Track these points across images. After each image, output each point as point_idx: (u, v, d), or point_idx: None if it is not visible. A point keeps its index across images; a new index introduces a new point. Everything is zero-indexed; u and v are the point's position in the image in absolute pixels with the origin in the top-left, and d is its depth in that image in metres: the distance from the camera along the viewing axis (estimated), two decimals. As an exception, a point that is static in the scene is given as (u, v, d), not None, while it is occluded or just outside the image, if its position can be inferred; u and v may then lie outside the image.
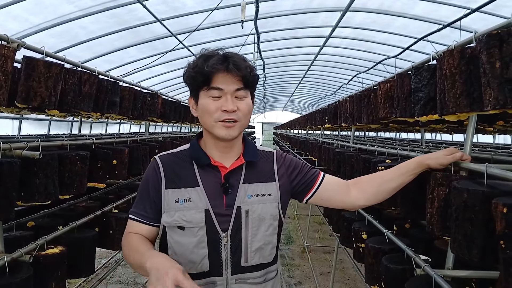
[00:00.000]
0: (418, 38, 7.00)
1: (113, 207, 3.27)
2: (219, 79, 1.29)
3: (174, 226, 1.33)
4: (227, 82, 1.30)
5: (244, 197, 1.38)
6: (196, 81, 1.33)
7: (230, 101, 1.30)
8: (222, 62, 1.28)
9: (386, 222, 2.72)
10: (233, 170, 1.40)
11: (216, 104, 1.31)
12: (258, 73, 1.42)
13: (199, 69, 1.30)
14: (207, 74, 1.29)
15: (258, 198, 1.40)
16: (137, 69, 6.70)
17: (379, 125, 3.13)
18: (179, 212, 1.33)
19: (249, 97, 1.38)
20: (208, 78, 1.29)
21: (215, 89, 1.30)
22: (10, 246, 2.08)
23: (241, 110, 1.33)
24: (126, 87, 3.50)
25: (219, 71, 1.28)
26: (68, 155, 2.41)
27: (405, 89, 2.15)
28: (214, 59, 1.29)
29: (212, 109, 1.31)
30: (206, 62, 1.29)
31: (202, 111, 1.34)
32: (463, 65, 1.53)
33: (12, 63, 1.91)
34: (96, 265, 5.58)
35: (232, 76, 1.30)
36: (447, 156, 1.58)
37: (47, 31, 5.22)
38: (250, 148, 1.48)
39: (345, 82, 12.86)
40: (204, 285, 1.34)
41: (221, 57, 1.30)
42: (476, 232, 1.33)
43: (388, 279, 2.07)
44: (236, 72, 1.29)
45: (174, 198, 1.35)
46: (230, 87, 1.30)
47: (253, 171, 1.43)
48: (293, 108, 31.21)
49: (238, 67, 1.29)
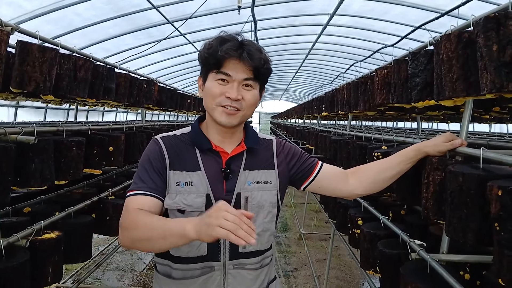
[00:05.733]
0: (416, 26, 6.96)
1: (109, 194, 3.27)
2: (230, 65, 1.28)
3: (174, 209, 1.32)
4: (237, 70, 1.29)
5: (244, 183, 1.38)
6: (208, 62, 1.31)
7: (235, 89, 1.29)
8: (236, 49, 1.27)
9: (382, 208, 2.74)
10: (234, 156, 1.40)
11: (221, 89, 1.30)
12: None
13: (213, 52, 1.28)
14: (219, 58, 1.27)
15: (258, 185, 1.40)
16: (133, 55, 6.64)
17: (375, 112, 3.13)
18: (180, 195, 1.31)
19: (257, 89, 1.36)
20: (220, 62, 1.28)
21: (224, 74, 1.29)
22: (7, 231, 2.09)
23: (245, 100, 1.32)
24: (122, 74, 3.48)
25: (232, 57, 1.27)
26: (64, 140, 2.40)
27: (402, 75, 2.15)
28: (229, 44, 1.27)
29: (216, 92, 1.30)
30: (221, 45, 1.27)
31: (206, 93, 1.34)
32: (460, 49, 1.52)
33: (6, 47, 1.89)
34: (94, 252, 5.62)
35: (244, 64, 1.28)
36: (445, 143, 1.58)
37: (42, 18, 5.16)
38: (251, 134, 1.48)
39: (342, 71, 12.82)
40: (202, 269, 1.34)
41: (237, 43, 1.28)
42: (471, 215, 1.34)
43: (383, 263, 2.09)
44: (249, 62, 1.27)
45: (175, 180, 1.33)
46: (239, 75, 1.29)
47: (253, 158, 1.43)
48: (291, 98, 31.17)
49: (251, 57, 1.27)
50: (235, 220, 1.00)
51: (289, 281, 5.06)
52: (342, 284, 5.02)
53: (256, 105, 1.39)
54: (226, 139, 1.41)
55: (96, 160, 2.88)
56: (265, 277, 1.48)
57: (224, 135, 1.40)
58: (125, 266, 5.42)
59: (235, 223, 0.99)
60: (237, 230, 0.98)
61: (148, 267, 5.38)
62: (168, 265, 1.38)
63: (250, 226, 1.00)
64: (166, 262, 1.38)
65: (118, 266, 5.43)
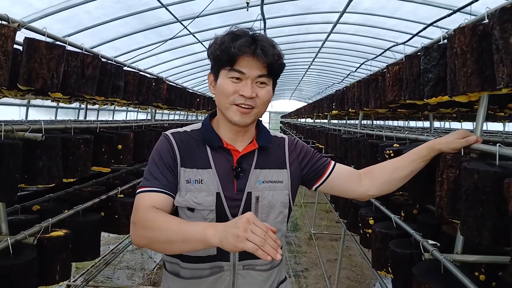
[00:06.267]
0: (428, 23, 6.86)
1: (118, 192, 3.26)
2: (244, 62, 1.24)
3: (184, 207, 1.29)
4: (251, 67, 1.24)
5: (255, 182, 1.34)
6: (220, 59, 1.27)
7: (249, 86, 1.25)
8: (250, 45, 1.22)
9: (393, 208, 2.68)
10: (245, 154, 1.36)
11: (234, 87, 1.26)
12: None
13: (225, 48, 1.23)
14: (232, 55, 1.22)
15: (269, 184, 1.37)
16: (143, 53, 6.65)
17: (387, 109, 3.08)
18: (190, 193, 1.29)
19: (271, 85, 1.32)
20: (233, 60, 1.23)
21: (237, 72, 1.25)
22: (15, 228, 2.09)
23: (260, 97, 1.28)
24: (131, 72, 3.47)
25: (245, 54, 1.22)
26: (72, 138, 2.39)
27: (414, 71, 2.09)
28: (242, 40, 1.22)
29: (229, 91, 1.26)
30: (234, 41, 1.22)
31: (219, 91, 1.30)
32: (474, 42, 1.47)
33: (13, 43, 1.88)
34: (104, 250, 5.65)
35: (258, 61, 1.24)
36: (459, 140, 1.52)
37: (52, 17, 5.19)
38: (263, 133, 1.44)
39: (352, 70, 12.73)
40: (211, 269, 1.32)
41: (250, 39, 1.23)
42: (487, 213, 1.29)
43: (395, 263, 2.04)
44: (263, 58, 1.23)
45: (185, 178, 1.30)
46: (253, 72, 1.25)
47: (265, 156, 1.40)
48: (300, 97, 31.08)
49: (265, 53, 1.23)
50: (262, 235, 0.98)
51: (299, 281, 5.02)
52: (353, 285, 4.97)
53: (269, 102, 1.35)
54: (238, 137, 1.38)
55: (105, 158, 2.87)
56: (275, 278, 1.45)
57: (236, 133, 1.36)
58: (136, 265, 5.43)
59: (262, 238, 0.97)
60: (264, 245, 0.97)
61: (158, 266, 5.38)
62: (177, 264, 1.35)
63: (275, 241, 0.99)
64: (175, 261, 1.36)
65: (128, 265, 5.44)
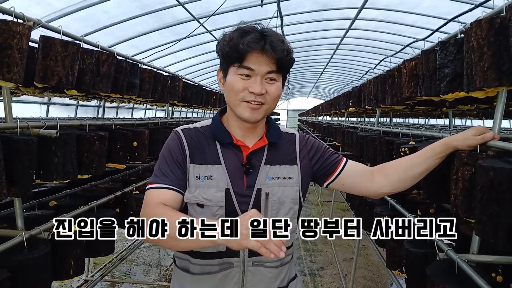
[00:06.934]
0: (448, 19, 6.70)
1: (133, 188, 3.29)
2: (253, 58, 1.23)
3: (194, 203, 1.30)
4: (260, 63, 1.23)
5: (265, 179, 1.34)
6: (229, 56, 1.26)
7: (259, 83, 1.24)
8: (258, 41, 1.21)
9: (409, 206, 2.63)
10: (255, 150, 1.36)
11: (244, 84, 1.25)
12: None
13: (234, 45, 1.23)
14: (241, 52, 1.21)
15: (279, 181, 1.36)
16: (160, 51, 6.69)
17: (404, 106, 3.02)
18: (200, 189, 1.29)
19: (280, 81, 1.31)
20: (242, 56, 1.23)
21: (246, 69, 1.24)
22: (31, 224, 2.12)
23: (269, 93, 1.27)
24: (146, 69, 3.50)
25: (254, 50, 1.21)
26: (86, 135, 2.42)
27: (431, 66, 2.05)
28: (251, 36, 1.21)
29: (239, 87, 1.25)
30: (243, 38, 1.22)
31: (229, 88, 1.29)
32: (491, 36, 1.43)
33: (28, 41, 1.91)
34: (122, 247, 5.73)
35: (267, 57, 1.23)
36: (476, 137, 1.46)
37: (71, 16, 5.26)
38: (273, 129, 1.43)
39: (372, 67, 12.53)
40: (220, 265, 1.32)
41: (258, 35, 1.22)
42: (503, 212, 1.25)
43: (409, 263, 2.00)
44: (272, 54, 1.22)
45: (195, 174, 1.30)
46: (262, 68, 1.24)
47: (275, 152, 1.39)
48: (318, 95, 30.86)
49: (274, 49, 1.21)
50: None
51: (314, 280, 4.99)
52: (369, 284, 4.91)
53: (279, 97, 1.34)
54: (248, 133, 1.37)
55: (120, 155, 2.89)
56: (286, 275, 1.44)
57: (246, 129, 1.36)
58: (152, 261, 5.49)
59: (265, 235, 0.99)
60: (268, 243, 0.99)
61: (174, 262, 5.43)
62: (187, 260, 1.36)
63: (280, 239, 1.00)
64: (185, 257, 1.37)
65: (145, 261, 5.50)
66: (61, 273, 2.15)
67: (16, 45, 1.81)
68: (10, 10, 1.88)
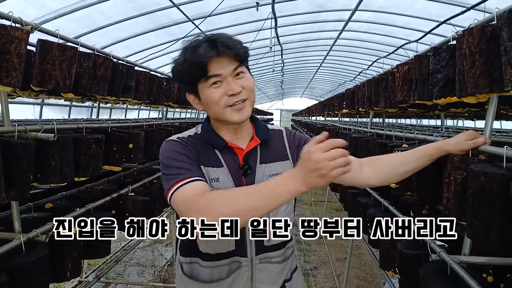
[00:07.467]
0: (440, 21, 6.77)
1: (129, 190, 3.30)
2: (214, 65, 1.23)
3: None
4: (223, 66, 1.24)
5: (263, 177, 1.36)
6: (192, 75, 1.26)
7: (232, 83, 1.25)
8: (211, 48, 1.21)
9: (402, 208, 2.68)
10: (250, 151, 1.38)
11: (219, 91, 1.25)
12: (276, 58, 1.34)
13: (192, 63, 1.23)
14: (201, 66, 1.22)
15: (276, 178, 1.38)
16: (155, 53, 6.70)
17: (397, 109, 3.06)
18: None
19: (247, 71, 1.33)
20: (204, 69, 1.23)
21: (214, 77, 1.24)
22: (28, 226, 2.13)
23: (245, 87, 1.28)
24: (142, 72, 3.51)
25: (212, 58, 1.22)
26: (83, 138, 2.43)
27: (424, 71, 2.09)
28: (203, 48, 1.21)
29: (217, 97, 1.25)
30: (196, 53, 1.22)
31: (208, 103, 1.29)
32: (483, 43, 1.46)
33: (26, 46, 1.92)
34: (116, 247, 5.72)
35: (226, 57, 1.23)
36: (468, 142, 1.52)
37: (66, 17, 5.26)
38: (261, 127, 1.45)
39: (364, 68, 12.61)
40: (230, 264, 1.35)
41: (209, 43, 1.22)
42: (494, 216, 1.29)
43: (403, 264, 2.04)
44: (228, 53, 1.23)
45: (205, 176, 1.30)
46: (227, 69, 1.25)
47: (267, 150, 1.42)
48: (312, 95, 30.95)
49: (228, 47, 1.22)
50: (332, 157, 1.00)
51: (308, 280, 5.02)
52: (362, 284, 4.95)
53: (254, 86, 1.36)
54: (237, 134, 1.39)
55: (116, 157, 2.91)
56: (289, 269, 1.49)
57: (235, 130, 1.38)
58: (146, 262, 5.48)
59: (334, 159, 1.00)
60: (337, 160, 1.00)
61: (169, 263, 5.43)
62: (196, 263, 1.37)
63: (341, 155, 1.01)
64: (194, 260, 1.38)
65: (139, 261, 5.50)
66: (59, 275, 2.16)
67: (14, 49, 1.82)
68: (9, 15, 1.89)
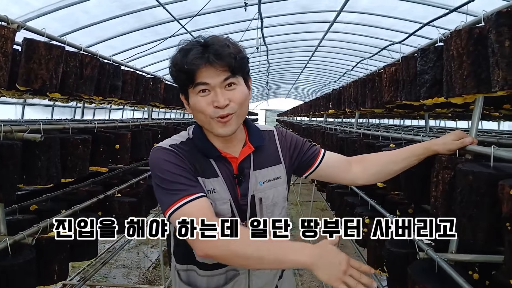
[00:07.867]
0: (424, 23, 6.89)
1: (115, 191, 3.27)
2: (203, 73, 1.18)
3: None
4: (212, 76, 1.18)
5: (256, 184, 1.35)
6: (180, 79, 1.23)
7: (219, 94, 1.19)
8: (202, 55, 1.16)
9: (389, 207, 2.71)
10: (243, 159, 1.35)
11: (206, 100, 1.20)
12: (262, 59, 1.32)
13: (180, 68, 1.19)
14: (189, 72, 1.17)
15: (270, 183, 1.38)
16: (140, 53, 6.65)
17: (383, 109, 3.10)
18: None
19: (242, 83, 1.26)
20: (191, 75, 1.18)
21: (201, 85, 1.19)
22: (13, 229, 2.09)
23: (234, 100, 1.22)
24: (129, 71, 3.48)
25: (201, 66, 1.16)
26: (70, 138, 2.40)
27: (411, 72, 2.12)
28: (193, 53, 1.16)
29: (203, 106, 1.21)
30: (186, 57, 1.17)
31: (195, 110, 1.25)
32: (471, 45, 1.49)
33: (12, 45, 1.88)
34: (100, 249, 5.65)
35: (216, 67, 1.17)
36: (455, 142, 1.56)
37: (50, 15, 5.17)
38: (254, 131, 1.42)
39: (349, 69, 12.75)
40: (226, 272, 1.34)
41: (200, 49, 1.17)
42: (481, 215, 1.32)
43: (391, 262, 2.06)
44: (218, 63, 1.16)
45: None
46: (216, 79, 1.18)
47: (260, 156, 1.40)
48: (297, 95, 31.07)
49: (219, 57, 1.16)
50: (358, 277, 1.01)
51: (295, 280, 5.05)
52: (348, 283, 4.99)
53: (247, 99, 1.29)
54: (228, 143, 1.35)
55: (103, 158, 2.87)
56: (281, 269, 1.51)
57: (225, 141, 1.33)
58: (131, 264, 5.43)
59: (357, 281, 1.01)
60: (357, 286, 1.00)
61: (154, 264, 5.39)
62: (193, 271, 1.36)
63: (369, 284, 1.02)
64: (191, 268, 1.36)
65: (124, 263, 5.44)
66: (46, 278, 2.13)
67: (0, 48, 1.79)
68: (-6, 13, 1.86)
